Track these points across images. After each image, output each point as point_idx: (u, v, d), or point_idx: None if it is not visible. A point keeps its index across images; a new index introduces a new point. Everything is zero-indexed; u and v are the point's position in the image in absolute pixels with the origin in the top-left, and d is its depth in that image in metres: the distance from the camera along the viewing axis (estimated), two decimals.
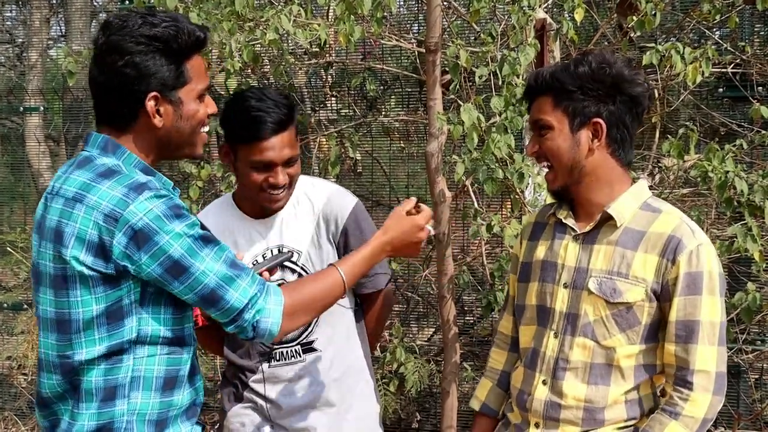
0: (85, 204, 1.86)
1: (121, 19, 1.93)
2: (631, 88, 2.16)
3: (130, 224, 1.83)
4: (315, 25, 3.70)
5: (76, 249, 1.86)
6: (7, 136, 6.41)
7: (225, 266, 1.90)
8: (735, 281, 4.15)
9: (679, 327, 2.09)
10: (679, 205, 3.93)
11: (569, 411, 2.18)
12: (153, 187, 1.88)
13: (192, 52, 1.97)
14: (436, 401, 4.77)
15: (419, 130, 4.86)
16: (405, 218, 2.22)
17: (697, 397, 2.08)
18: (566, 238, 2.24)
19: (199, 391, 2.06)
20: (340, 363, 2.62)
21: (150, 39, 1.90)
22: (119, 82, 1.91)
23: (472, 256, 4.52)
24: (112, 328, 1.89)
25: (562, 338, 2.21)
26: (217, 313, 1.92)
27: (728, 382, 4.01)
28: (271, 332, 1.94)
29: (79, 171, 1.93)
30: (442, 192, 3.43)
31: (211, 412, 5.20)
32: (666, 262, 2.10)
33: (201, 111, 2.00)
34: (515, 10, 3.46)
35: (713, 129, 4.37)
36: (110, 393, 1.92)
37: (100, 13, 7.25)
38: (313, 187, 2.62)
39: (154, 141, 1.97)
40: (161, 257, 1.85)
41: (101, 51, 1.94)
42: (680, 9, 4.50)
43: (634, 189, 2.20)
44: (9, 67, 7.64)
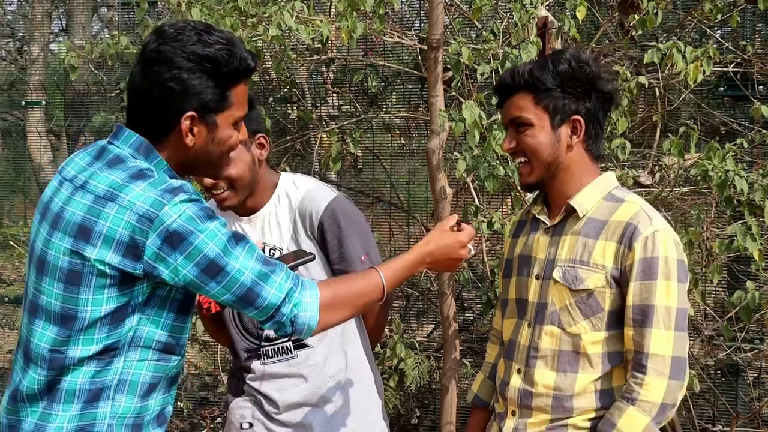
0: (117, 203, 1.83)
1: (176, 29, 1.89)
2: (605, 85, 2.24)
3: (164, 225, 1.82)
4: (317, 21, 3.71)
5: (104, 249, 1.83)
6: (8, 130, 6.42)
7: (259, 263, 1.90)
8: (734, 280, 4.16)
9: (635, 311, 2.14)
10: (679, 204, 3.94)
11: (540, 398, 2.24)
12: (187, 191, 1.86)
13: (240, 78, 1.93)
14: (436, 397, 4.79)
15: (420, 126, 4.86)
16: (449, 233, 2.20)
17: (651, 381, 2.11)
18: (539, 232, 2.32)
19: (171, 398, 2.06)
20: (336, 360, 2.61)
21: (201, 58, 1.87)
22: (160, 94, 1.88)
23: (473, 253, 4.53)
24: (113, 328, 1.88)
25: (533, 327, 2.28)
26: (255, 311, 1.91)
27: (727, 380, 4.01)
28: (310, 326, 1.94)
29: (110, 170, 1.89)
30: (443, 189, 3.44)
31: (211, 406, 5.22)
32: (623, 248, 2.16)
33: (234, 138, 1.97)
34: (517, 8, 3.46)
35: (714, 128, 4.37)
36: (95, 394, 1.90)
37: (101, 7, 7.26)
38: (293, 184, 2.61)
39: (181, 157, 1.95)
40: (197, 257, 1.83)
41: (149, 58, 1.89)
42: (682, 8, 4.50)
43: (598, 180, 2.27)
44: (10, 61, 7.65)
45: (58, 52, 5.80)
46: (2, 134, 6.40)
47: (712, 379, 4.36)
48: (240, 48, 1.92)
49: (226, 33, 1.94)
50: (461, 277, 4.26)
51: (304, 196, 2.57)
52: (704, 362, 4.18)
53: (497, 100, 2.34)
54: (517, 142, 2.25)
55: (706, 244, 3.73)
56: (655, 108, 4.11)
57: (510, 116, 2.26)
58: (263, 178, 2.59)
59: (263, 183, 2.59)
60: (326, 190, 2.59)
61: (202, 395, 5.49)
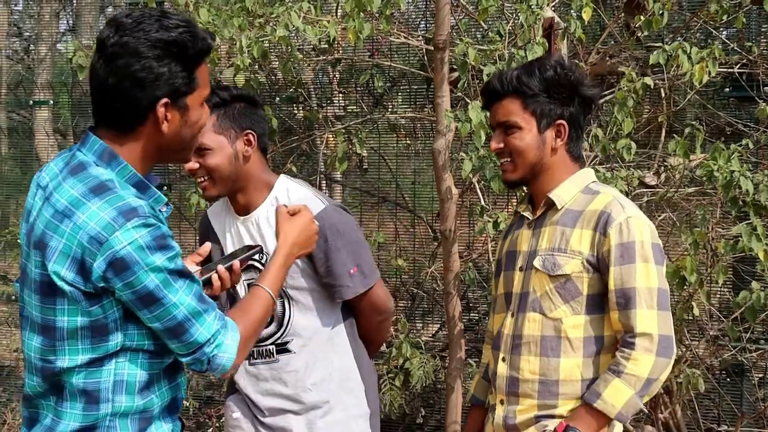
0: (73, 221, 1.83)
1: (134, 19, 1.87)
2: (587, 91, 2.39)
3: (113, 251, 1.82)
4: (324, 22, 3.72)
5: (59, 264, 1.84)
6: (15, 129, 6.44)
7: (195, 300, 1.91)
8: (740, 280, 4.16)
9: (618, 295, 2.26)
10: (685, 204, 3.95)
11: (526, 384, 2.35)
12: (142, 214, 1.85)
13: (202, 58, 1.94)
14: (441, 397, 4.80)
15: (426, 127, 4.87)
16: (294, 218, 2.29)
17: (639, 356, 2.22)
18: (523, 227, 2.47)
19: (180, 387, 2.07)
20: (319, 368, 2.61)
21: (167, 44, 1.86)
22: (132, 86, 1.86)
23: (478, 253, 4.54)
24: (97, 342, 1.89)
25: (516, 316, 2.40)
26: (178, 344, 1.93)
27: (732, 381, 4.03)
28: (225, 367, 1.98)
29: (72, 180, 1.89)
30: (448, 189, 3.46)
31: (216, 405, 5.23)
32: (599, 235, 2.29)
33: (203, 117, 1.99)
34: (523, 9, 3.47)
35: (719, 128, 4.38)
36: (94, 396, 1.92)
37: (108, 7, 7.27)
38: (286, 191, 2.62)
39: (154, 146, 1.94)
40: (137, 286, 1.84)
41: (113, 52, 1.87)
42: (687, 9, 4.51)
43: (575, 176, 2.41)
44: (16, 60, 7.67)
45: (66, 51, 5.81)
46: (9, 133, 6.41)
47: (717, 379, 4.36)
48: (197, 28, 1.93)
49: (182, 16, 1.94)
50: (467, 278, 4.27)
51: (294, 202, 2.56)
52: (709, 362, 4.18)
53: (484, 102, 2.47)
54: (504, 144, 2.39)
55: (712, 244, 3.73)
56: (660, 109, 4.12)
57: (498, 119, 2.40)
58: (255, 176, 2.59)
59: (256, 181, 2.60)
60: (316, 201, 2.58)
61: (208, 394, 5.51)
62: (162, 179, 5.46)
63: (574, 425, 2.24)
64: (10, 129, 6.41)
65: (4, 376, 5.83)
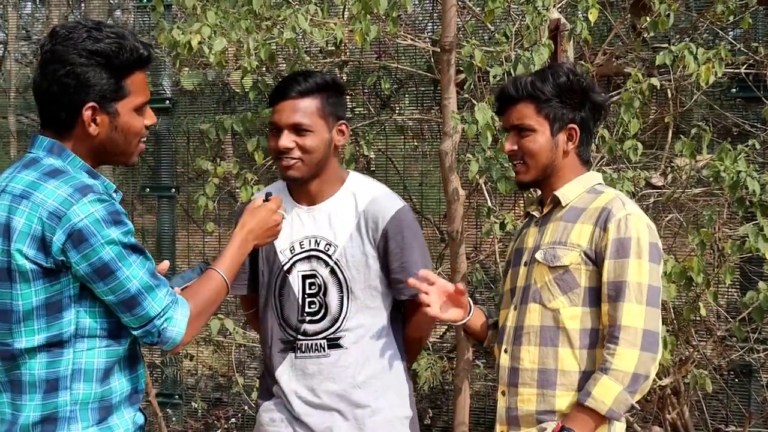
0: (31, 201, 1.96)
1: (67, 29, 2.02)
2: (597, 97, 2.50)
3: (71, 223, 1.94)
4: (331, 24, 3.74)
5: (20, 242, 1.95)
6: (24, 132, 6.47)
7: (147, 275, 2.03)
8: (747, 280, 4.16)
9: (609, 287, 2.33)
10: (691, 205, 3.95)
11: (525, 373, 2.42)
12: (97, 191, 1.98)
13: (134, 68, 2.05)
14: (449, 398, 4.81)
15: (433, 128, 4.88)
16: (257, 209, 2.38)
17: (623, 351, 2.27)
18: (531, 225, 2.56)
19: (140, 378, 2.17)
20: (370, 366, 2.59)
21: (92, 53, 1.99)
22: (59, 91, 2.00)
23: (485, 254, 4.55)
24: (51, 320, 1.99)
25: (518, 309, 2.48)
26: (131, 317, 2.03)
27: (739, 381, 4.03)
28: (174, 340, 2.07)
29: (26, 171, 2.02)
30: (455, 190, 3.47)
31: (225, 406, 5.25)
32: (599, 230, 2.36)
33: (137, 124, 2.09)
34: (529, 11, 3.48)
35: (726, 129, 4.38)
36: (53, 385, 2.01)
37: (116, 10, 7.30)
38: (362, 185, 2.64)
39: (90, 147, 2.07)
40: (93, 258, 1.95)
41: (45, 58, 2.02)
42: (694, 9, 4.51)
43: (582, 177, 2.50)
44: (25, 64, 7.70)
45: None
46: (18, 136, 6.44)
47: (725, 379, 4.36)
48: (131, 40, 2.04)
49: (117, 29, 2.07)
50: (474, 279, 4.28)
51: (372, 200, 2.59)
52: (717, 363, 4.18)
53: (497, 107, 2.56)
54: (518, 146, 2.47)
55: (719, 244, 3.73)
56: (667, 109, 4.13)
57: (512, 122, 2.48)
58: (333, 168, 2.62)
59: (331, 173, 2.62)
60: (395, 198, 2.64)
61: (216, 396, 5.52)
62: (169, 182, 5.48)
63: (569, 426, 2.29)
64: (19, 132, 6.44)
65: None
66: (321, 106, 2.55)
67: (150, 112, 2.14)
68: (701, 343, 4.15)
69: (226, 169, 4.24)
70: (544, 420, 2.38)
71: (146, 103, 2.12)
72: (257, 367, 5.33)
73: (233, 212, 5.07)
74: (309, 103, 2.54)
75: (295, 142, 2.53)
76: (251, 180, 4.10)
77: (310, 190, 2.61)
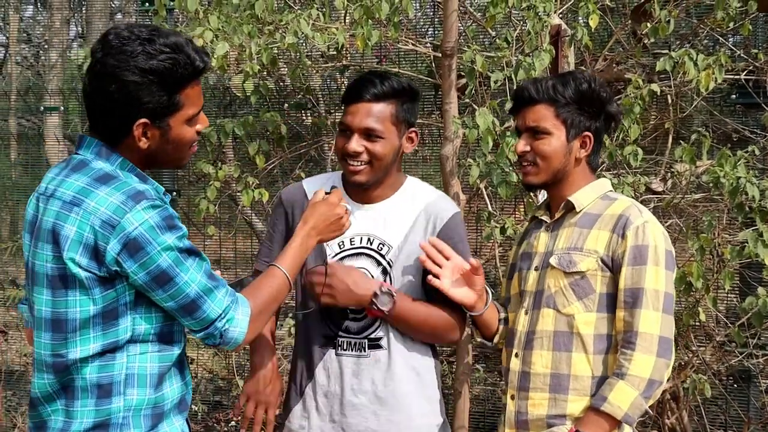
0: (83, 208, 1.91)
1: (121, 39, 1.93)
2: (612, 108, 2.51)
3: (125, 232, 1.89)
4: (333, 29, 3.75)
5: (72, 251, 1.91)
6: (25, 135, 6.48)
7: (205, 277, 2.00)
8: (746, 286, 4.17)
9: (626, 294, 2.34)
10: (691, 210, 3.96)
11: (537, 378, 2.42)
12: (149, 197, 1.94)
13: (188, 81, 1.98)
14: (448, 402, 4.80)
15: (434, 133, 4.89)
16: (318, 204, 2.35)
17: (639, 357, 2.28)
18: (541, 230, 2.54)
19: (188, 385, 2.14)
20: (406, 368, 2.56)
21: (145, 72, 1.91)
22: (109, 105, 1.95)
23: (486, 259, 4.56)
24: (107, 327, 1.95)
25: (531, 313, 2.48)
26: (192, 321, 2.01)
27: (738, 386, 4.03)
28: (237, 340, 2.05)
29: (76, 175, 1.96)
30: (456, 195, 3.48)
31: (225, 409, 5.25)
32: (616, 236, 2.37)
33: (189, 134, 2.05)
34: (530, 16, 3.49)
35: (726, 135, 4.39)
36: (106, 390, 1.97)
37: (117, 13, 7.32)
38: (420, 188, 2.64)
39: (140, 157, 2.03)
40: (150, 266, 1.92)
41: (96, 71, 1.95)
42: (694, 16, 4.52)
43: (594, 183, 2.51)
44: (27, 66, 7.72)
45: (76, 58, 5.86)
46: (19, 139, 6.45)
47: (724, 385, 4.37)
48: (186, 52, 1.96)
49: (171, 39, 1.96)
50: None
51: (431, 202, 2.60)
52: (716, 368, 4.19)
53: (513, 106, 2.54)
54: (531, 147, 2.46)
55: (718, 250, 3.74)
56: (667, 115, 4.14)
57: (528, 124, 2.47)
58: (394, 173, 2.60)
59: (392, 177, 2.59)
60: (451, 202, 2.67)
61: (216, 399, 5.53)
62: (170, 185, 5.49)
63: (583, 430, 2.30)
64: (20, 135, 6.45)
65: (14, 381, 5.86)
66: (395, 112, 2.51)
67: (203, 116, 2.08)
68: (700, 348, 4.16)
69: (227, 172, 4.25)
70: (555, 424, 2.38)
71: (199, 112, 2.06)
72: None
73: (234, 216, 5.08)
74: (383, 108, 2.49)
75: (365, 147, 2.48)
76: (252, 184, 4.11)
77: (370, 192, 2.58)
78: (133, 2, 7.03)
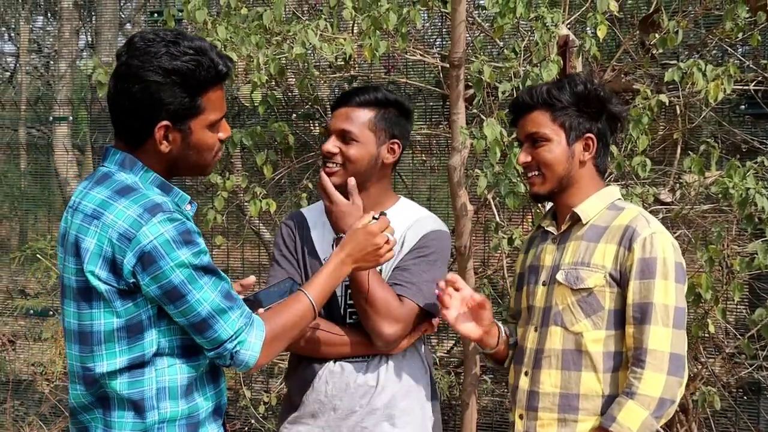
0: (102, 221, 1.92)
1: (146, 41, 1.95)
2: (614, 107, 2.44)
3: (140, 245, 1.89)
4: (341, 39, 3.75)
5: (92, 264, 1.91)
6: (34, 145, 6.51)
7: (220, 297, 1.97)
8: (756, 298, 4.15)
9: (635, 309, 2.26)
10: (700, 221, 3.94)
11: (546, 398, 2.35)
12: (167, 209, 1.92)
13: (210, 85, 1.99)
14: (456, 413, 4.79)
15: (441, 143, 4.89)
16: (358, 230, 2.28)
17: (650, 376, 2.20)
18: (547, 242, 2.48)
19: (222, 392, 2.12)
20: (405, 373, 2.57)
21: (168, 72, 1.92)
22: (132, 107, 1.95)
23: (493, 269, 4.55)
24: (133, 341, 1.95)
25: (539, 331, 2.41)
26: (202, 339, 1.98)
27: (748, 399, 3.99)
28: (248, 363, 2.01)
29: (98, 188, 1.97)
30: (464, 205, 3.47)
31: (231, 420, 5.24)
32: (623, 249, 2.29)
33: (211, 139, 2.04)
34: (538, 27, 3.49)
35: (735, 146, 4.37)
36: (139, 405, 1.97)
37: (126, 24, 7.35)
38: (412, 207, 2.68)
39: (163, 161, 2.02)
40: (163, 281, 1.91)
41: (120, 72, 1.97)
42: (703, 26, 4.52)
43: (602, 192, 2.43)
44: (36, 76, 7.75)
45: (85, 68, 5.88)
46: (28, 149, 6.48)
47: (733, 397, 4.34)
48: (210, 56, 1.97)
49: (196, 42, 1.97)
50: (482, 293, 4.27)
51: (418, 219, 2.63)
52: (726, 380, 4.16)
53: (512, 117, 2.49)
54: (533, 157, 2.41)
55: (727, 261, 3.73)
56: (675, 126, 4.12)
57: (527, 132, 2.42)
58: (382, 187, 2.62)
59: (381, 191, 2.62)
60: (435, 222, 2.66)
61: None
62: None
63: None
64: (29, 145, 6.48)
65: (21, 390, 5.86)
66: (374, 119, 2.55)
67: (225, 125, 2.08)
68: (710, 360, 4.14)
69: (234, 182, 4.25)
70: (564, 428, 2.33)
71: (222, 118, 2.05)
72: (264, 381, 5.33)
73: (241, 225, 5.08)
74: (362, 113, 2.55)
75: (339, 148, 2.53)
76: (260, 194, 4.11)
77: None
78: (143, 13, 7.06)
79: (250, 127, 4.20)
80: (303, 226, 2.67)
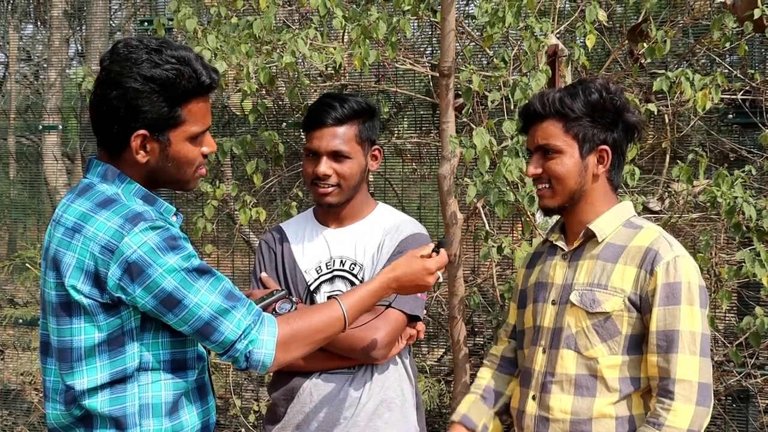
0: (83, 234, 1.86)
1: (129, 48, 1.90)
2: (631, 117, 2.26)
3: (124, 257, 1.83)
4: (331, 48, 3.76)
5: (74, 278, 1.86)
6: (24, 154, 6.49)
7: (220, 298, 1.90)
8: (744, 306, 4.17)
9: (659, 337, 2.12)
10: (689, 230, 3.96)
11: (557, 424, 2.22)
12: (149, 218, 1.87)
13: (192, 96, 1.92)
14: (446, 421, 4.79)
15: (431, 152, 4.90)
16: (417, 260, 2.19)
17: (679, 407, 2.08)
18: (556, 259, 2.33)
19: (210, 411, 2.06)
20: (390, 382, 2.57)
21: (147, 79, 1.87)
22: (109, 114, 1.90)
23: (483, 278, 4.56)
24: (114, 355, 1.89)
25: (548, 353, 2.27)
26: (211, 345, 1.92)
27: (737, 406, 3.99)
28: (264, 363, 1.94)
29: (80, 200, 1.92)
30: (453, 214, 3.47)
31: (222, 429, 5.23)
32: (644, 273, 2.15)
33: (191, 153, 1.97)
34: (528, 36, 3.51)
35: (723, 155, 4.40)
36: (120, 423, 1.91)
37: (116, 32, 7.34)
38: (390, 212, 2.69)
39: (142, 172, 1.96)
40: (155, 290, 1.85)
41: (100, 78, 1.92)
42: (691, 36, 4.54)
43: (616, 208, 2.28)
44: (26, 85, 7.73)
45: (75, 77, 5.88)
46: (17, 158, 6.47)
47: (722, 405, 4.35)
48: (193, 66, 1.91)
49: (180, 52, 1.91)
50: (472, 302, 4.28)
51: (396, 223, 2.62)
52: (714, 388, 4.17)
53: (522, 124, 2.34)
54: (543, 169, 2.26)
55: (715, 269, 3.74)
56: (664, 135, 4.15)
57: (538, 142, 2.26)
58: (363, 193, 2.63)
59: (362, 200, 2.63)
60: (415, 225, 2.65)
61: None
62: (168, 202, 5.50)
63: None
64: (18, 153, 6.46)
65: (10, 400, 5.84)
66: (358, 132, 2.56)
67: (209, 139, 2.00)
68: None
69: (225, 191, 4.25)
70: None
71: (204, 132, 1.98)
72: (254, 390, 5.32)
73: (231, 234, 5.08)
74: (346, 129, 2.55)
75: (333, 168, 2.53)
76: (250, 202, 4.11)
77: (339, 213, 2.62)
78: (133, 21, 7.06)
79: (240, 136, 4.20)
80: (283, 240, 2.68)
